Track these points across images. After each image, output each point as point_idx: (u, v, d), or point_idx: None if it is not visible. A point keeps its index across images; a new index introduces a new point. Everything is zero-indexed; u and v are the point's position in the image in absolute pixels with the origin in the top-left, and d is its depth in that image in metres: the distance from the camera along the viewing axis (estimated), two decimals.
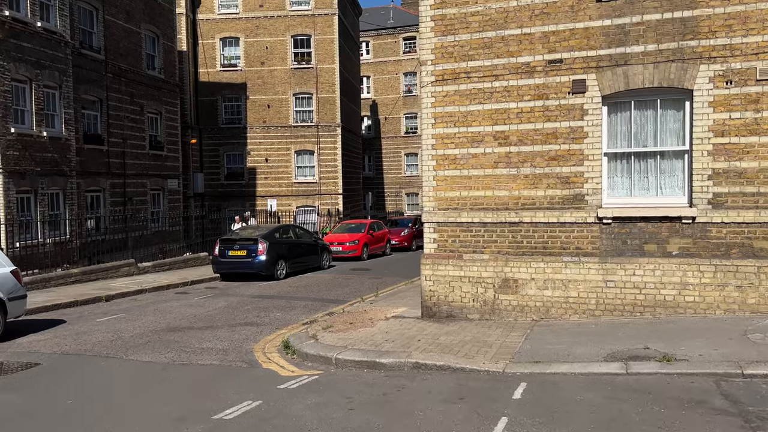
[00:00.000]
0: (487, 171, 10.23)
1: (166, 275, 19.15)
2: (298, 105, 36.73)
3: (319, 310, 13.37)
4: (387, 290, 16.11)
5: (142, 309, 13.79)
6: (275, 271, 18.54)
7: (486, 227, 10.26)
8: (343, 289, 16.46)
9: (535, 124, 9.96)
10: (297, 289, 16.64)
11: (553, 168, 9.90)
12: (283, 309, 13.51)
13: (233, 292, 16.41)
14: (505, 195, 10.16)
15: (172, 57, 28.72)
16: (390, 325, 10.28)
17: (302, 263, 20.19)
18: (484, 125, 10.23)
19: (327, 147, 36.50)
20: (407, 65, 51.20)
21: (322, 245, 21.79)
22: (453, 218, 10.41)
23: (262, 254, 18.25)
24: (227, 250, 18.63)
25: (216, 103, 36.94)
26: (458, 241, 10.42)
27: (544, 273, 9.97)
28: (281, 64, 36.48)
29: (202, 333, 11.05)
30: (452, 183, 10.43)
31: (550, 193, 9.93)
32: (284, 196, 36.48)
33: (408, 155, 51.89)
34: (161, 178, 27.64)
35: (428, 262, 10.58)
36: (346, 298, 14.88)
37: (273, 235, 19.12)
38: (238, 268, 18.54)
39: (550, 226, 9.94)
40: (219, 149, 37.00)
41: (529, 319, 10.04)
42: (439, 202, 10.51)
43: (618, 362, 7.32)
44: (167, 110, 28.17)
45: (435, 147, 10.51)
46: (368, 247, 25.41)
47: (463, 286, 10.39)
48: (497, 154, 10.18)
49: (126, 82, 25.07)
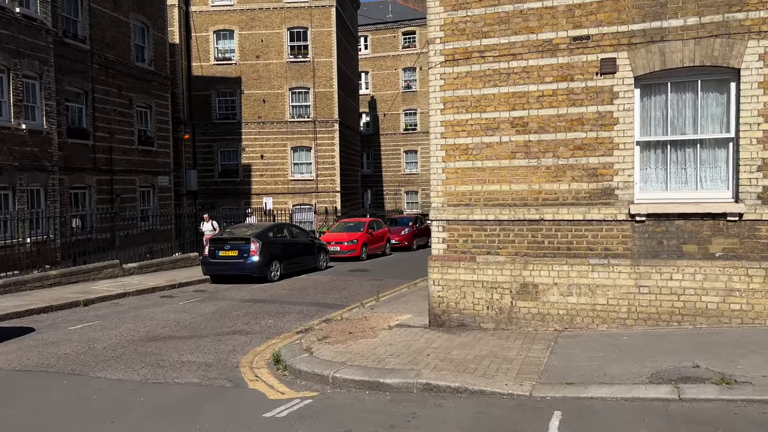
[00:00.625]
0: (504, 162, 9.10)
1: (153, 277, 17.99)
2: (295, 100, 35.57)
3: (314, 316, 12.24)
4: (388, 293, 14.97)
5: (121, 315, 12.64)
6: (269, 272, 17.39)
7: (502, 225, 9.13)
8: (341, 293, 15.33)
9: (558, 109, 8.83)
10: (291, 293, 15.50)
11: (578, 159, 8.77)
12: (275, 315, 12.38)
13: (223, 295, 15.26)
14: (523, 189, 9.03)
15: (163, 48, 27.54)
16: (394, 336, 9.15)
17: (298, 264, 19.04)
18: (499, 111, 9.09)
19: (324, 143, 35.35)
20: (406, 60, 50.09)
21: (319, 245, 20.66)
22: (464, 215, 9.28)
23: (255, 255, 17.10)
24: (217, 250, 17.48)
25: (210, 98, 35.77)
26: (470, 241, 9.29)
27: (568, 277, 8.85)
28: (277, 57, 35.32)
29: (185, 343, 9.91)
30: (464, 176, 9.30)
31: (575, 186, 8.80)
32: (280, 193, 35.32)
33: (407, 152, 50.79)
34: (151, 174, 26.47)
35: (436, 265, 9.45)
36: (344, 303, 13.74)
37: (266, 235, 17.97)
38: (229, 270, 17.39)
39: (574, 224, 8.82)
40: (213, 145, 35.82)
41: (551, 329, 8.91)
42: (448, 197, 9.38)
43: (667, 385, 6.20)
44: (157, 104, 26.99)
45: (444, 135, 9.37)
46: (367, 247, 24.27)
47: (476, 292, 9.26)
48: (515, 143, 9.04)
49: (113, 74, 23.89)
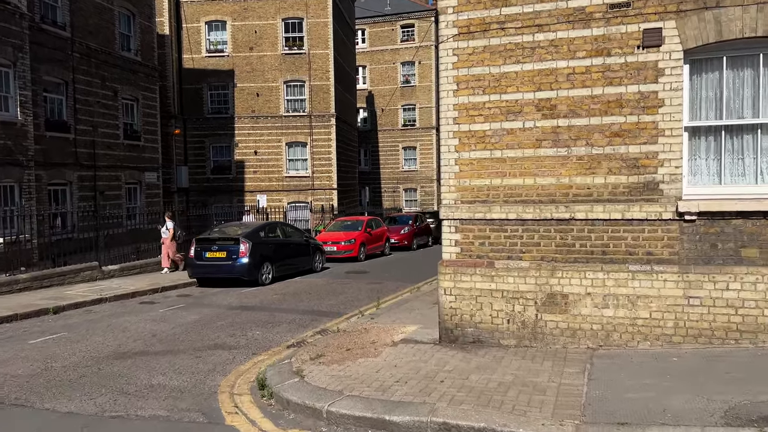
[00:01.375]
0: (527, 152, 7.81)
1: (135, 280, 16.67)
2: (290, 93, 34.23)
3: (308, 326, 10.94)
4: (390, 299, 13.68)
5: (92, 325, 11.32)
6: (259, 275, 16.08)
7: (525, 226, 7.84)
8: (338, 298, 14.03)
9: (591, 89, 7.54)
10: (284, 298, 14.19)
11: (616, 147, 7.48)
12: (264, 325, 11.07)
13: (209, 301, 13.95)
14: (551, 183, 7.74)
15: (150, 38, 26.18)
16: (399, 354, 7.85)
17: (291, 266, 17.74)
18: (523, 91, 7.80)
19: (321, 138, 34.02)
20: (405, 54, 48.77)
21: (315, 245, 19.35)
22: (481, 214, 7.98)
23: (244, 256, 15.79)
24: (204, 251, 16.15)
25: (201, 92, 34.42)
26: (488, 243, 7.99)
27: (603, 286, 7.56)
28: (271, 49, 33.98)
29: (158, 361, 8.60)
30: (480, 168, 8.00)
31: (612, 180, 7.51)
32: (275, 191, 34.01)
33: (406, 149, 49.50)
34: (138, 170, 25.12)
35: (448, 271, 8.16)
36: (341, 310, 12.45)
37: (257, 234, 16.65)
38: (217, 272, 16.07)
39: (611, 224, 7.53)
40: (204, 141, 34.48)
41: (584, 347, 7.63)
42: (462, 192, 8.08)
43: (751, 428, 4.92)
44: (145, 96, 25.64)
45: (458, 121, 8.07)
46: (365, 247, 22.97)
47: (495, 303, 7.97)
48: (541, 129, 7.75)
49: (96, 64, 22.53)
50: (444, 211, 8.17)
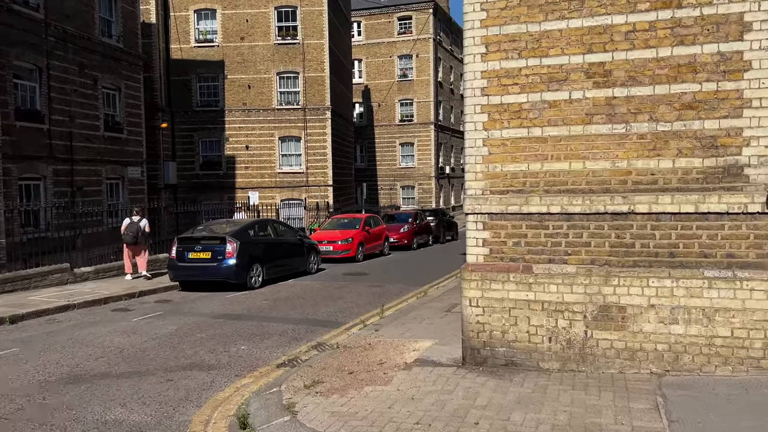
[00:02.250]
0: (575, 129, 6.29)
1: (111, 283, 15.08)
2: (283, 85, 32.63)
3: (302, 339, 9.41)
4: (394, 305, 12.17)
5: (51, 339, 9.74)
6: (248, 278, 14.52)
7: (572, 221, 6.33)
8: (336, 304, 12.49)
9: (657, 49, 6.03)
10: (275, 304, 12.63)
11: (687, 122, 5.97)
12: (251, 337, 9.52)
13: (190, 308, 12.38)
14: (604, 168, 6.22)
15: (134, 24, 24.53)
16: (416, 380, 6.32)
17: (284, 267, 16.18)
18: (569, 54, 6.28)
19: (315, 133, 32.44)
20: (402, 47, 47.21)
21: (309, 244, 17.79)
22: (516, 207, 6.46)
23: (231, 257, 14.22)
24: (187, 251, 14.57)
25: (190, 83, 32.76)
26: (524, 243, 6.47)
27: (671, 297, 6.05)
28: (263, 39, 32.36)
29: (120, 386, 7.06)
30: (515, 149, 6.48)
31: (683, 164, 6.01)
32: (267, 187, 32.39)
33: (403, 145, 47.95)
34: (120, 165, 23.48)
35: (475, 278, 6.62)
36: (340, 319, 10.91)
37: (246, 233, 15.07)
38: (201, 275, 14.50)
39: (681, 218, 6.02)
40: (193, 135, 32.82)
41: (646, 372, 6.12)
42: (492, 180, 6.56)
43: None
44: (128, 86, 23.99)
45: (487, 92, 6.54)
46: (364, 247, 21.43)
47: (534, 317, 6.45)
48: (592, 100, 6.24)
49: (74, 50, 20.88)
50: (469, 203, 6.64)
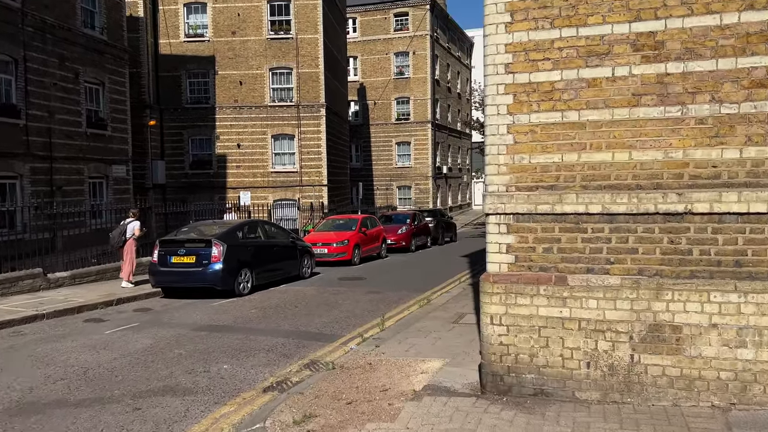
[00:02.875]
0: (619, 113, 5.25)
1: (88, 290, 13.96)
2: (276, 81, 31.53)
3: (293, 355, 8.34)
4: (395, 314, 11.11)
5: (9, 356, 8.62)
6: (236, 284, 13.42)
7: (615, 223, 5.28)
8: (331, 313, 11.41)
9: (720, 15, 4.99)
10: (264, 313, 11.54)
11: (759, 103, 4.94)
12: (236, 354, 8.44)
13: (170, 318, 11.28)
14: (655, 160, 5.18)
15: (119, 15, 23.39)
16: (428, 415, 5.26)
17: (275, 272, 15.09)
18: (612, 22, 5.23)
19: (309, 131, 31.36)
20: (398, 44, 46.17)
21: (303, 247, 16.69)
22: (547, 206, 5.40)
23: (217, 261, 13.12)
24: (169, 255, 13.46)
25: (179, 80, 31.64)
26: (557, 249, 5.42)
27: (737, 314, 5.01)
28: (255, 33, 31.27)
29: (76, 417, 5.97)
30: (546, 138, 5.43)
31: (753, 153, 4.97)
32: (259, 187, 31.27)
33: (399, 144, 46.89)
34: (104, 163, 22.33)
35: (497, 291, 5.56)
36: (335, 331, 9.84)
37: (233, 235, 13.97)
38: (184, 281, 13.40)
39: (750, 220, 4.99)
40: (183, 133, 31.70)
41: (706, 406, 5.08)
42: (518, 175, 5.50)
43: None
44: (112, 80, 22.84)
45: (512, 68, 5.49)
46: (360, 249, 20.36)
47: (569, 338, 5.39)
48: (640, 78, 5.19)
49: (54, 41, 19.74)
50: (490, 202, 5.57)
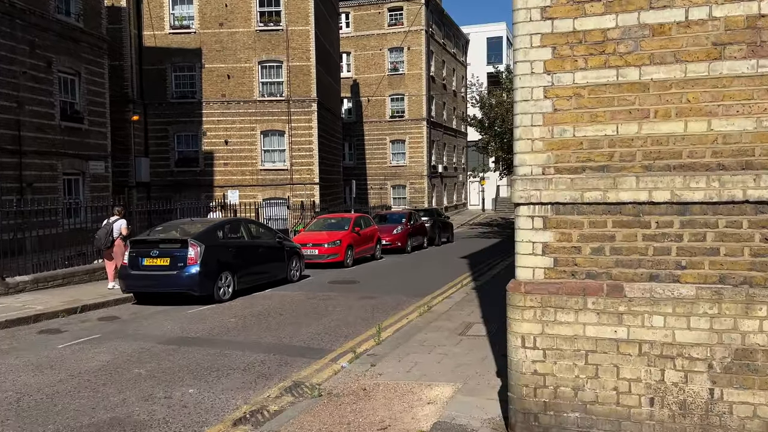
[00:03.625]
0: (695, 69, 3.96)
1: (51, 295, 12.58)
2: (265, 75, 30.18)
3: (273, 376, 7.04)
4: (392, 324, 9.83)
5: None
6: (215, 288, 12.09)
7: (688, 215, 4.00)
8: (321, 322, 10.10)
9: None
10: (245, 323, 10.21)
11: None
12: (206, 374, 7.13)
13: (137, 328, 9.93)
14: (744, 131, 3.90)
15: (97, 2, 22.00)
16: None
17: (260, 275, 13.77)
18: None
19: (300, 127, 30.02)
20: (392, 40, 44.88)
21: (291, 248, 15.35)
22: (597, 192, 4.11)
23: (194, 263, 11.78)
24: (141, 257, 12.12)
25: (164, 73, 30.22)
26: (610, 250, 4.13)
27: None
28: (244, 25, 29.91)
29: None
30: (596, 103, 4.14)
31: None
32: (248, 186, 29.91)
33: (394, 142, 45.58)
34: (80, 159, 20.95)
35: (531, 304, 4.26)
36: (324, 345, 8.53)
37: (213, 235, 12.63)
38: (158, 286, 12.05)
39: None
40: (168, 129, 30.28)
41: None
42: (558, 152, 4.21)
43: None
44: (89, 71, 21.46)
45: (549, 12, 4.18)
46: (353, 250, 19.05)
47: (625, 366, 4.10)
48: (723, 22, 3.91)
49: (23, 26, 18.36)
50: (521, 188, 4.28)
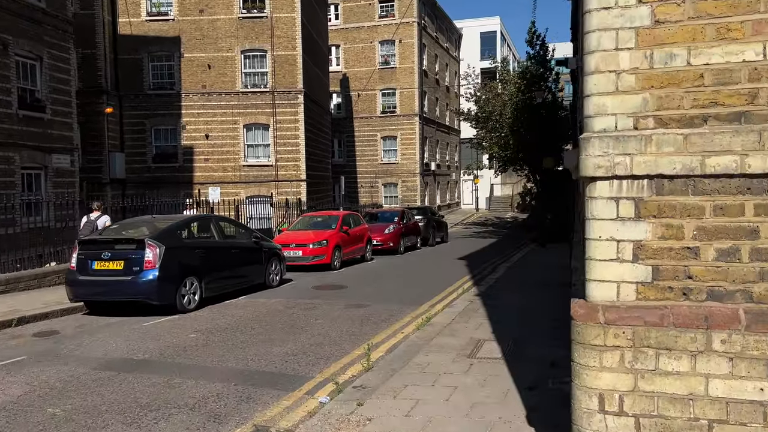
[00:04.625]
0: None
1: None
2: (248, 65, 28.41)
3: (228, 418, 5.35)
4: (385, 340, 8.16)
5: None
6: (178, 296, 10.35)
7: None
8: (299, 338, 8.38)
9: None
10: (207, 339, 8.48)
11: None
12: (139, 416, 5.40)
13: (75, 348, 8.17)
14: None
15: None
16: None
17: (233, 280, 12.05)
18: None
19: (286, 120, 28.28)
20: (384, 32, 43.19)
21: (270, 249, 13.60)
22: (725, 159, 2.47)
23: (152, 268, 10.03)
24: (92, 259, 10.35)
25: (141, 63, 28.39)
26: (749, 254, 2.48)
27: None
28: (226, 12, 28.15)
29: None
30: (723, 9, 2.49)
31: None
32: (230, 182, 28.14)
33: (385, 139, 43.89)
34: (42, 151, 19.09)
35: (615, 341, 2.61)
36: (300, 370, 6.83)
37: (175, 234, 10.87)
38: (111, 294, 10.29)
39: None
40: (145, 122, 28.45)
41: None
42: (659, 94, 2.55)
43: None
44: (52, 56, 19.61)
45: None
46: (341, 251, 17.34)
47: None
48: None
49: None
50: (596, 151, 2.61)
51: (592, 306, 2.64)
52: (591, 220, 2.67)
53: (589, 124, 2.66)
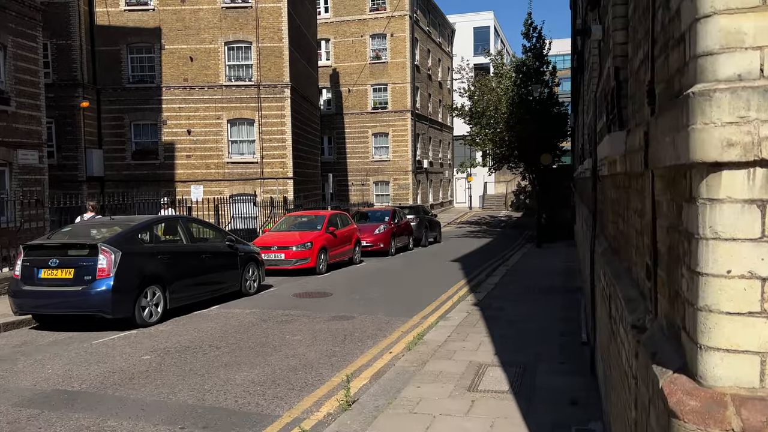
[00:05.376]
0: None
1: None
2: (232, 58, 27.10)
3: None
4: (370, 362, 7.00)
5: None
6: (137, 309, 9.10)
7: None
8: (269, 361, 7.15)
9: None
10: (161, 362, 7.24)
11: None
12: None
13: (5, 373, 6.88)
14: None
15: None
16: None
17: (203, 287, 10.80)
18: None
19: (272, 115, 26.99)
20: (375, 26, 41.95)
21: (247, 253, 12.35)
22: None
23: (107, 276, 8.78)
24: (38, 267, 9.10)
25: (119, 55, 27.02)
26: None
27: None
28: (208, 1, 26.82)
29: None
30: None
31: None
32: (214, 180, 26.84)
33: (376, 136, 42.66)
34: (6, 147, 17.75)
35: None
36: (264, 407, 5.59)
37: (135, 238, 9.60)
38: (59, 306, 9.01)
39: None
40: (124, 117, 27.09)
41: None
42: None
43: None
44: (18, 44, 18.27)
45: None
46: (327, 254, 16.10)
47: None
48: None
49: None
50: (722, 114, 1.44)
51: (715, 396, 1.46)
52: (706, 241, 1.49)
53: (701, 68, 1.47)
